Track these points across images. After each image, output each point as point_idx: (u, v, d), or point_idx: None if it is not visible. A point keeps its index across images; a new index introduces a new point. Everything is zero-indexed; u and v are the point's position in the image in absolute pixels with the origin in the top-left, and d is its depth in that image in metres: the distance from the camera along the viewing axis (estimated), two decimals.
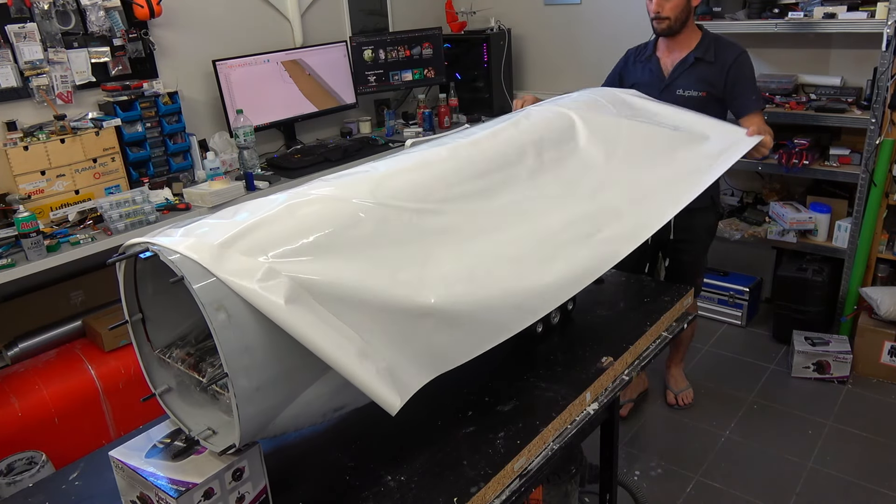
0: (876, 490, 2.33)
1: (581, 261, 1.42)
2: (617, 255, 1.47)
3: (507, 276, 1.30)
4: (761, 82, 3.23)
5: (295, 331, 0.99)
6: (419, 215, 1.27)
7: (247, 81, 3.12)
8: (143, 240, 1.04)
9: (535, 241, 1.39)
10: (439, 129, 3.63)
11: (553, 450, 1.32)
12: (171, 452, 1.11)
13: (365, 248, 1.16)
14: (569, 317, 1.72)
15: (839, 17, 2.81)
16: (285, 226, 1.12)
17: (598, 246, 1.46)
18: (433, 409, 1.36)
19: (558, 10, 3.90)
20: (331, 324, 1.03)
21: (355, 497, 1.18)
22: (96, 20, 2.63)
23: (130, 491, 1.14)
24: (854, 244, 2.98)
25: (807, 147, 3.05)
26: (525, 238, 1.38)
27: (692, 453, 2.55)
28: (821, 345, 2.96)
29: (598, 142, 1.67)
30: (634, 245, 1.50)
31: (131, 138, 2.68)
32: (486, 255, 1.30)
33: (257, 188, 2.76)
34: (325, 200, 1.20)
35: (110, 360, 2.39)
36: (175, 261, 0.98)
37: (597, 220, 1.50)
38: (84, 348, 2.44)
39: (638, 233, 1.53)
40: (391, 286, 1.13)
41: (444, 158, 1.44)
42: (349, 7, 3.70)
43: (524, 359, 1.55)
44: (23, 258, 2.16)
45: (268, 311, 0.98)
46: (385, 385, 1.05)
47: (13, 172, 2.33)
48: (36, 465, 2.04)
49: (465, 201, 1.37)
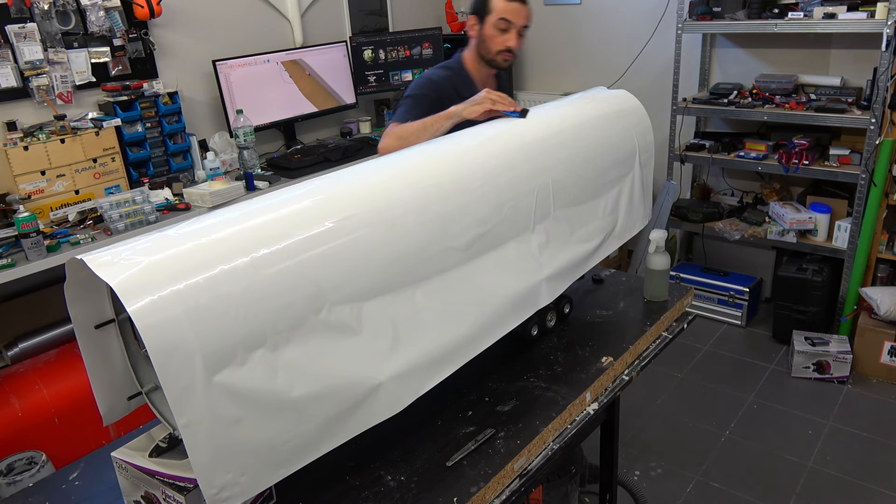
0: (875, 490, 2.33)
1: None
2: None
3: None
4: (761, 82, 3.24)
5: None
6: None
7: (247, 81, 3.12)
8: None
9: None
10: None
11: (553, 450, 1.32)
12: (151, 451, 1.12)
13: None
14: (566, 319, 1.72)
15: (839, 17, 2.81)
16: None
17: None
18: (433, 409, 1.36)
19: (558, 10, 3.90)
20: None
21: (355, 497, 1.18)
22: (96, 20, 2.63)
23: (134, 491, 1.15)
24: (854, 244, 2.99)
25: (807, 147, 3.05)
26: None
27: (692, 453, 2.55)
28: (821, 345, 2.96)
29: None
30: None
31: (131, 138, 2.68)
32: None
33: (257, 188, 2.76)
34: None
35: None
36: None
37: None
38: None
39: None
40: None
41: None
42: (349, 7, 3.70)
43: (524, 359, 1.55)
44: (23, 258, 2.16)
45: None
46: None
47: (13, 172, 2.33)
48: (36, 465, 2.04)
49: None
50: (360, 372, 1.11)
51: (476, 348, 1.33)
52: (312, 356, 1.05)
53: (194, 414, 0.92)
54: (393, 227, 1.18)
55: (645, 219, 1.85)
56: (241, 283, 0.98)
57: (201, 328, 0.92)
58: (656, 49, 3.59)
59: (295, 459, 1.06)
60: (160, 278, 0.93)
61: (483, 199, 1.34)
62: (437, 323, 1.25)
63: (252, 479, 1.00)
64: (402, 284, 1.19)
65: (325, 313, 1.07)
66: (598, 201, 1.66)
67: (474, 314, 1.33)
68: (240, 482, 0.98)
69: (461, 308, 1.30)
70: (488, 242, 1.35)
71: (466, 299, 1.31)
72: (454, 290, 1.29)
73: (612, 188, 1.72)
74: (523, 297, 1.44)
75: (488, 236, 1.35)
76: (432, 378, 1.24)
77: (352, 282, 1.11)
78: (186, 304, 0.92)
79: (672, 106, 3.36)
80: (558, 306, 1.66)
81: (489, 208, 1.35)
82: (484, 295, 1.35)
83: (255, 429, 0.99)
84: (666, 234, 1.77)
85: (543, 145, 1.54)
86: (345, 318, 1.10)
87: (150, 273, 0.93)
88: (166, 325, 0.89)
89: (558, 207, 1.52)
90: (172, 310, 0.91)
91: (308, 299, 1.05)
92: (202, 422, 0.93)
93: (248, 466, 0.99)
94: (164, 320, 0.90)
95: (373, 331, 1.14)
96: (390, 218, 1.19)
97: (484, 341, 1.35)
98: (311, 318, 1.05)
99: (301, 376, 1.03)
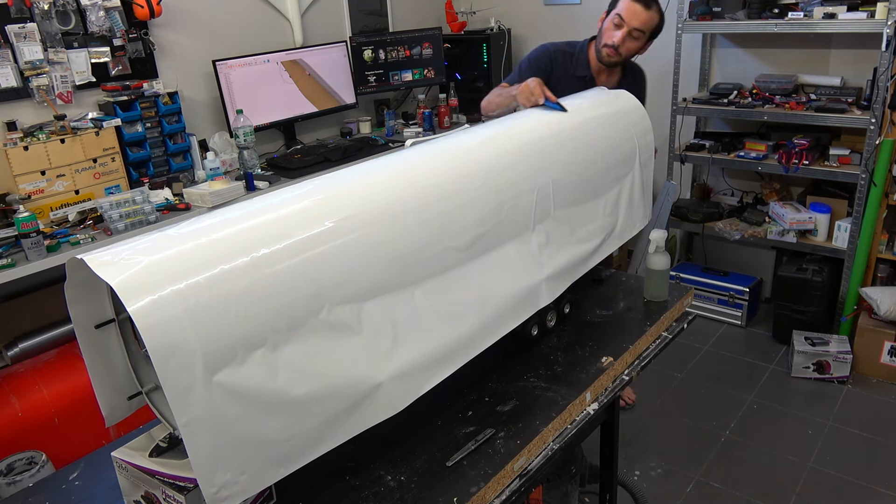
0: (875, 490, 2.33)
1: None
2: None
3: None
4: (761, 82, 3.24)
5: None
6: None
7: (247, 81, 3.12)
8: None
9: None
10: (439, 129, 3.63)
11: (553, 450, 1.32)
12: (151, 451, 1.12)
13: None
14: (566, 319, 1.72)
15: (839, 17, 2.81)
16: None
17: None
18: (433, 409, 1.36)
19: (558, 10, 3.90)
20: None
21: (355, 497, 1.18)
22: (96, 20, 2.63)
23: (134, 491, 1.15)
24: (854, 244, 2.99)
25: (807, 147, 3.05)
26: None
27: (692, 453, 2.55)
28: (821, 345, 2.96)
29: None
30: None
31: (131, 138, 2.67)
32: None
33: (257, 188, 2.76)
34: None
35: None
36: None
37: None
38: None
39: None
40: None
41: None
42: (349, 7, 3.70)
43: (524, 359, 1.55)
44: (23, 258, 2.16)
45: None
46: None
47: (13, 172, 2.33)
48: (36, 465, 2.04)
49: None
50: (360, 372, 1.11)
51: (476, 348, 1.33)
52: (312, 356, 1.05)
53: (194, 413, 0.92)
54: (393, 227, 1.18)
55: (645, 219, 1.85)
56: (241, 282, 0.98)
57: (201, 328, 0.92)
58: (656, 49, 3.54)
59: (295, 459, 1.06)
60: (160, 278, 0.93)
61: (483, 199, 1.34)
62: (437, 323, 1.25)
63: (252, 478, 1.00)
64: (402, 284, 1.19)
65: (325, 313, 1.07)
66: (598, 201, 1.66)
67: (474, 314, 1.33)
68: (239, 481, 0.98)
69: (461, 308, 1.30)
70: (488, 242, 1.35)
71: (466, 299, 1.31)
72: (454, 290, 1.29)
73: (612, 188, 1.72)
74: (523, 297, 1.44)
75: (488, 236, 1.35)
76: (432, 378, 1.24)
77: (352, 281, 1.11)
78: (187, 303, 0.92)
79: (672, 106, 3.36)
80: (558, 306, 1.66)
81: (489, 208, 1.35)
82: (484, 295, 1.35)
83: (255, 428, 0.99)
84: (666, 234, 1.77)
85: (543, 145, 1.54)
86: (345, 317, 1.10)
87: (150, 273, 0.93)
88: (166, 325, 0.90)
89: (558, 207, 1.52)
90: (172, 309, 0.91)
91: (308, 299, 1.05)
92: (202, 421, 0.93)
93: (248, 465, 0.99)
94: (165, 320, 0.90)
95: (373, 330, 1.14)
96: (390, 218, 1.19)
97: (484, 341, 1.35)
98: (311, 317, 1.05)
99: (301, 376, 1.04)
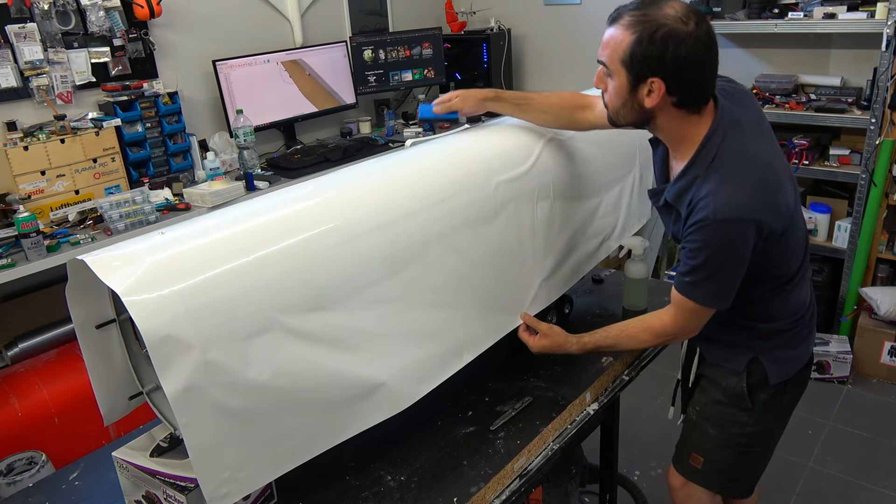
0: (875, 490, 2.33)
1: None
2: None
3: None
4: (761, 82, 3.22)
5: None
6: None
7: (247, 81, 3.12)
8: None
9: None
10: (439, 129, 3.63)
11: (553, 450, 1.32)
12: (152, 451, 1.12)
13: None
14: (566, 319, 1.72)
15: (839, 18, 2.81)
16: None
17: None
18: (433, 409, 1.36)
19: (558, 10, 3.90)
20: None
21: (355, 497, 1.18)
22: (96, 20, 2.63)
23: (135, 491, 1.15)
24: (854, 244, 2.98)
25: (807, 147, 3.05)
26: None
27: None
28: (821, 345, 2.96)
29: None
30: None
31: (131, 138, 2.67)
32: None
33: (257, 188, 2.76)
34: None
35: None
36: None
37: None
38: None
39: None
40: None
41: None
42: (349, 7, 3.70)
43: (524, 359, 1.55)
44: (23, 258, 2.16)
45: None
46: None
47: (13, 172, 2.32)
48: (36, 465, 2.04)
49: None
50: (360, 371, 1.12)
51: (477, 348, 1.33)
52: (313, 356, 1.05)
53: (195, 413, 0.92)
54: (393, 227, 1.18)
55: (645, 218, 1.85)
56: (241, 282, 0.98)
57: (202, 328, 0.92)
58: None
59: (294, 457, 1.06)
60: (161, 278, 0.93)
61: (483, 199, 1.34)
62: (438, 323, 1.25)
63: (251, 477, 1.00)
64: (402, 285, 1.19)
65: (326, 313, 1.07)
66: (598, 201, 1.67)
67: (475, 315, 1.33)
68: (238, 479, 0.98)
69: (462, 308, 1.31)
70: (489, 243, 1.36)
71: (467, 300, 1.31)
72: (455, 290, 1.29)
73: (613, 188, 1.72)
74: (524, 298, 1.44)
75: (489, 237, 1.35)
76: (434, 378, 1.24)
77: (352, 281, 1.11)
78: (187, 303, 0.92)
79: None
80: (558, 306, 1.66)
81: (489, 208, 1.35)
82: (485, 296, 1.35)
83: (256, 427, 0.99)
84: (645, 241, 1.73)
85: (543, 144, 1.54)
86: (345, 317, 1.10)
87: (150, 273, 0.93)
88: (167, 326, 0.90)
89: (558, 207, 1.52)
90: (173, 309, 0.91)
91: (308, 299, 1.05)
92: (202, 421, 0.93)
93: (248, 464, 0.99)
94: (165, 320, 0.90)
95: (373, 330, 1.14)
96: (390, 218, 1.19)
97: (485, 341, 1.35)
98: (312, 317, 1.05)
99: (301, 376, 1.04)
